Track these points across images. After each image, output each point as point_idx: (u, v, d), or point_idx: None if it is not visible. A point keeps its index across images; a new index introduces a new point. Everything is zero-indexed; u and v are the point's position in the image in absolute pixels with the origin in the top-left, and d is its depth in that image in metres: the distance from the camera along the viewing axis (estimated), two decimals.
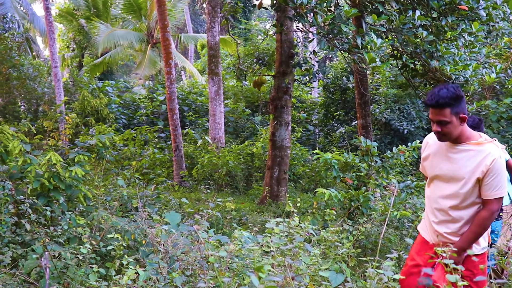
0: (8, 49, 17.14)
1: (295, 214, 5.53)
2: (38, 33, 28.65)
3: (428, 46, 8.57)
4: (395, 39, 9.14)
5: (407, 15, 8.28)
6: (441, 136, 3.67)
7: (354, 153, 8.60)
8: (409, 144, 8.17)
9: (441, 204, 3.84)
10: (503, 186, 3.65)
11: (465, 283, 3.10)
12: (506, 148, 5.72)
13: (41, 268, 4.99)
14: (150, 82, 28.01)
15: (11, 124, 14.02)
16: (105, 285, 4.80)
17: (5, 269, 5.28)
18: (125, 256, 4.88)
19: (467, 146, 3.70)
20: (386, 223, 4.90)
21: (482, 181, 3.63)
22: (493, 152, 3.64)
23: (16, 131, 7.73)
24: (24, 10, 27.29)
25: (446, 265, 3.31)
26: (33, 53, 27.78)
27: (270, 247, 4.76)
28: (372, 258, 4.05)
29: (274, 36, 14.33)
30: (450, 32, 8.49)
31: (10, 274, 5.27)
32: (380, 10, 8.69)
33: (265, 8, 10.33)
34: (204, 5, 29.83)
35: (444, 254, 3.40)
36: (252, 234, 5.45)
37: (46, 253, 4.78)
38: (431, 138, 3.97)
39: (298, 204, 6.89)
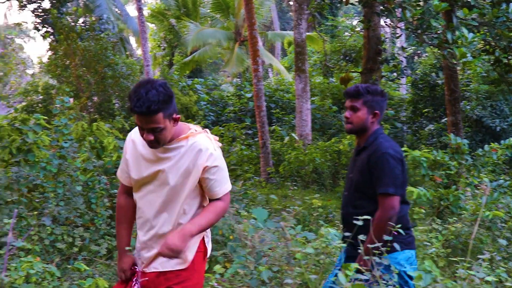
0: (103, 49, 17.80)
1: None
2: (131, 33, 29.69)
3: None
4: (488, 33, 8.87)
5: (501, 8, 8.01)
6: (155, 144, 3.00)
7: (444, 150, 8.42)
8: (502, 142, 7.92)
9: None
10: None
11: None
12: None
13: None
14: (238, 79, 28.34)
15: (106, 121, 14.61)
16: None
17: (101, 259, 5.54)
18: (213, 250, 5.01)
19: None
20: (478, 223, 4.78)
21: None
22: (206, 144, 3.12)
23: (111, 127, 8.07)
24: (118, 11, 28.32)
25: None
26: (127, 53, 28.73)
27: None
28: (463, 258, 3.96)
29: (361, 33, 14.20)
30: None
31: (105, 265, 5.53)
32: (472, 4, 8.45)
33: (352, 4, 10.27)
34: (291, 3, 29.88)
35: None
36: (339, 231, 5.45)
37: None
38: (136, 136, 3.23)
39: None
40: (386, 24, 10.97)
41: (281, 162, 14.18)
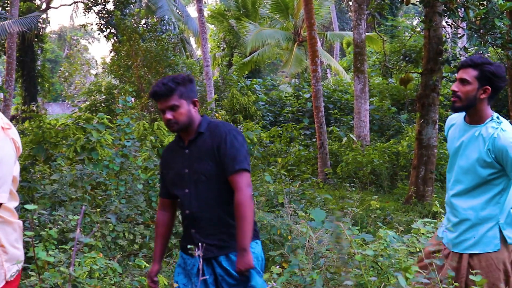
0: (164, 49, 18.12)
1: (442, 215, 5.42)
2: (192, 33, 30.14)
3: None
4: None
5: None
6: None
7: None
8: None
9: None
10: None
11: None
12: None
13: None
14: (296, 80, 28.34)
15: None
16: None
17: None
18: (271, 250, 5.04)
19: None
20: None
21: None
22: None
23: None
24: (179, 13, 28.80)
25: None
26: (187, 53, 29.20)
27: (416, 248, 4.71)
28: None
29: (421, 33, 13.99)
30: None
31: (165, 262, 5.64)
32: None
33: (413, 4, 10.13)
34: (351, 3, 29.67)
35: None
36: (397, 233, 5.41)
37: (200, 244, 5.05)
38: None
39: None
40: (447, 24, 10.76)
41: (339, 163, 14.11)
